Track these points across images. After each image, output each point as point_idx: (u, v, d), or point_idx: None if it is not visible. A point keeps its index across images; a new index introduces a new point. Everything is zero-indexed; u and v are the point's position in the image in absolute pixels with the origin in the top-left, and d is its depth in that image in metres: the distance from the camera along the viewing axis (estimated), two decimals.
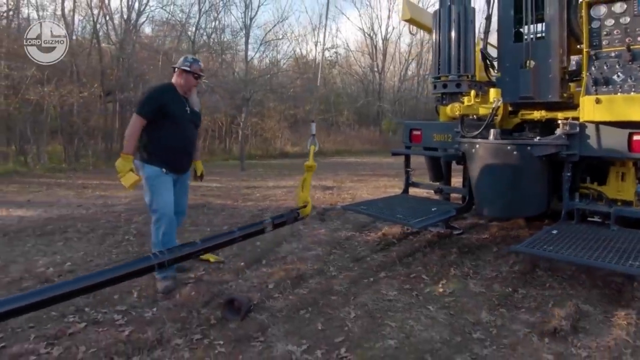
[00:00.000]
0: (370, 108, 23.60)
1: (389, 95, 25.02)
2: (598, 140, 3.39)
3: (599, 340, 2.39)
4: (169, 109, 3.21)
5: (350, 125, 23.29)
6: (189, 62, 3.38)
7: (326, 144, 21.58)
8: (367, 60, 25.89)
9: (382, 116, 23.55)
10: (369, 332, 2.45)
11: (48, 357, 2.18)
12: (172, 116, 3.22)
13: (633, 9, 3.52)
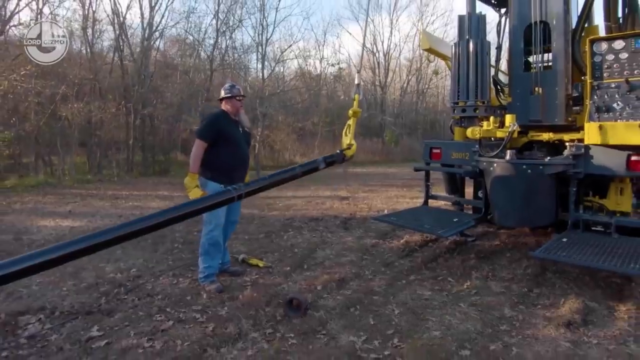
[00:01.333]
0: (373, 120, 24.04)
1: (391, 108, 25.50)
2: (600, 160, 3.76)
3: (606, 331, 2.75)
4: (225, 132, 3.61)
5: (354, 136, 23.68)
6: (228, 89, 3.80)
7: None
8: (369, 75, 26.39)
9: (384, 128, 23.99)
10: (414, 325, 2.82)
11: (152, 350, 2.53)
12: (228, 138, 3.62)
13: (631, 46, 3.92)
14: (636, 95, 3.81)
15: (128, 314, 3.04)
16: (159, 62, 15.77)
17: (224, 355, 2.45)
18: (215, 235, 3.59)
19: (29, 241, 5.17)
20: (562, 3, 4.35)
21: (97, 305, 3.20)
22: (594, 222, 3.94)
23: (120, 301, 3.29)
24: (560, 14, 4.35)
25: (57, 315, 3.03)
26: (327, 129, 23.44)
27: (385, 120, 23.78)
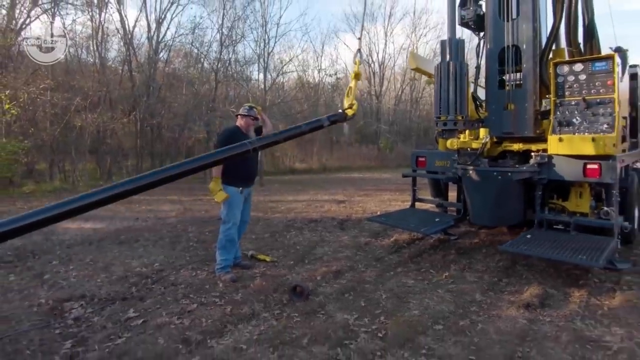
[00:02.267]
0: (369, 128, 24.54)
1: (386, 116, 26.01)
2: (561, 168, 4.24)
3: (559, 312, 3.21)
4: None
5: (351, 143, 24.21)
6: (247, 110, 4.33)
7: (330, 160, 22.49)
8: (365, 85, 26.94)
9: (379, 135, 24.49)
10: (398, 306, 3.28)
11: (182, 325, 2.98)
12: None
13: (588, 69, 4.43)
14: (592, 111, 4.31)
15: (157, 299, 3.50)
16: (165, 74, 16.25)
17: (241, 330, 2.91)
18: (232, 232, 4.07)
19: (58, 241, 5.60)
20: (532, 30, 4.84)
21: (129, 293, 3.65)
22: (556, 222, 4.42)
23: (149, 290, 3.75)
24: (529, 39, 4.84)
25: (96, 302, 3.47)
26: (325, 136, 23.93)
27: (380, 128, 24.28)
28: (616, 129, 4.12)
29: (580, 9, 4.82)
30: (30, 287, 3.80)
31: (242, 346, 2.67)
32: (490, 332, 2.87)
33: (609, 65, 4.29)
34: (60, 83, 11.74)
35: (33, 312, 3.24)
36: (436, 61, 5.63)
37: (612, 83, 4.24)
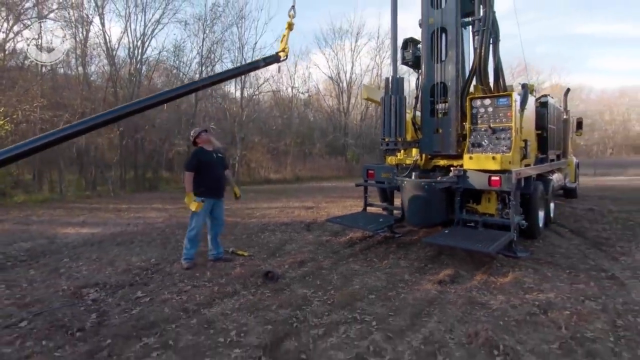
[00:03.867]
0: (337, 141, 25.64)
1: (353, 130, 27.21)
2: (473, 179, 5.28)
3: (462, 286, 4.17)
4: (203, 162, 4.91)
5: (321, 155, 25.20)
6: (191, 135, 5.26)
7: (303, 171, 23.36)
8: (334, 102, 28.11)
9: (347, 148, 25.63)
10: (344, 283, 4.18)
11: (181, 300, 3.76)
12: (206, 166, 4.91)
13: (494, 103, 5.52)
14: (496, 136, 5.40)
15: (158, 284, 4.25)
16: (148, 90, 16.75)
17: (226, 302, 3.71)
18: (193, 234, 4.88)
19: (62, 244, 6.19)
20: (455, 70, 5.90)
21: (134, 281, 4.38)
22: (470, 220, 5.46)
23: (150, 278, 4.48)
24: (453, 78, 5.90)
25: (108, 287, 4.18)
26: (298, 148, 24.87)
27: (347, 141, 25.43)
28: (513, 150, 5.22)
29: (491, 56, 5.92)
30: (51, 279, 4.47)
31: (227, 312, 3.48)
32: (409, 299, 3.80)
33: (508, 101, 5.40)
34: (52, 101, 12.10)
35: (59, 296, 3.92)
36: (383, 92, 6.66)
37: (511, 115, 5.34)
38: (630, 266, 4.81)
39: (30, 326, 3.20)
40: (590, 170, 21.59)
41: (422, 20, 6.28)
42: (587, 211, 8.91)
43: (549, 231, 6.68)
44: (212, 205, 5.01)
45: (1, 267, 4.98)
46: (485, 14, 5.72)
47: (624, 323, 3.24)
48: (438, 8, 6.02)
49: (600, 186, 16.13)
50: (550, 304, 3.61)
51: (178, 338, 3.01)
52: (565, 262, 4.95)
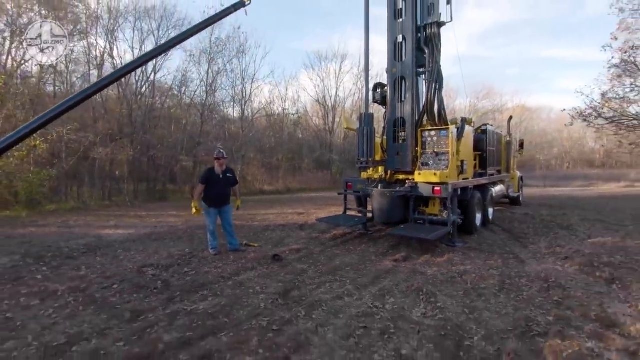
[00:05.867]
0: (323, 157, 27.20)
1: (337, 147, 28.85)
2: (422, 189, 6.82)
3: (411, 262, 5.67)
4: (211, 179, 6.27)
5: (309, 169, 26.70)
6: (215, 153, 6.50)
7: (293, 183, 24.76)
8: (321, 122, 29.75)
9: (332, 163, 27.20)
10: (329, 260, 5.65)
11: (217, 272, 5.15)
12: (213, 183, 6.27)
13: (438, 134, 7.13)
14: (439, 158, 6.99)
15: (197, 264, 5.62)
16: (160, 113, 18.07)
17: (249, 273, 5.12)
18: (211, 230, 6.26)
19: (110, 240, 7.46)
20: (411, 109, 7.49)
21: (178, 263, 5.72)
22: (420, 219, 7.00)
23: (189, 261, 5.84)
24: (410, 115, 7.49)
25: (161, 267, 5.51)
26: (289, 163, 26.32)
27: (332, 157, 27.04)
28: (450, 168, 6.82)
29: (437, 100, 7.53)
30: (115, 262, 5.79)
31: (251, 278, 4.90)
32: (373, 270, 5.27)
33: (447, 132, 7.02)
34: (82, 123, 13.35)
35: (128, 272, 5.25)
36: None
37: (449, 143, 6.95)
38: (533, 251, 6.40)
39: (120, 287, 4.55)
40: (541, 182, 23.63)
41: (387, 69, 7.90)
42: (523, 215, 10.59)
43: (485, 229, 8.27)
44: (218, 212, 6.37)
45: (71, 256, 6.24)
46: (432, 69, 7.36)
47: (510, 282, 4.76)
48: (400, 61, 7.65)
49: (546, 196, 18.02)
50: (466, 271, 5.14)
51: (222, 291, 4.41)
52: (487, 249, 6.52)
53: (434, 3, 7.44)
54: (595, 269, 5.15)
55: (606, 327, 3.40)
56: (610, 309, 3.80)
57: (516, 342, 3.09)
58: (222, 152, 6.53)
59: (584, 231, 8.02)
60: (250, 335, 3.25)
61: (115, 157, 14.51)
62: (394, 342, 3.09)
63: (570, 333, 3.25)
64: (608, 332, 3.29)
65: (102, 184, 16.06)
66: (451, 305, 3.89)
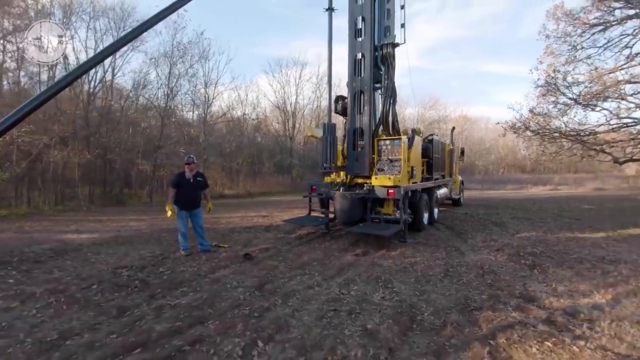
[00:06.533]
0: (284, 162, 27.50)
1: (297, 152, 29.29)
2: (378, 191, 7.45)
3: (370, 256, 6.23)
4: (182, 183, 6.48)
5: (270, 173, 26.86)
6: (185, 159, 6.72)
7: (254, 187, 24.78)
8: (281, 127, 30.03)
9: (292, 167, 27.58)
10: (298, 257, 6.05)
11: (193, 270, 5.36)
12: (183, 186, 6.47)
13: (392, 143, 7.82)
14: (392, 164, 7.68)
15: (172, 264, 5.77)
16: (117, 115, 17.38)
17: (223, 271, 5.38)
18: (182, 232, 6.44)
19: (76, 245, 7.26)
20: (369, 120, 8.11)
21: (152, 264, 5.81)
22: (376, 218, 7.63)
23: (163, 261, 5.96)
24: (367, 125, 8.11)
25: (135, 268, 5.58)
26: (249, 167, 26.29)
27: (292, 161, 27.42)
28: (402, 173, 7.51)
29: (391, 113, 8.24)
30: (87, 265, 5.77)
31: (226, 274, 5.18)
32: (337, 264, 5.76)
33: (400, 142, 7.73)
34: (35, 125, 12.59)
35: (103, 273, 5.29)
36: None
37: (401, 151, 7.67)
38: (471, 244, 7.25)
39: (100, 287, 4.63)
40: (480, 186, 25.75)
41: (348, 83, 8.49)
42: (464, 214, 11.70)
43: (432, 227, 9.13)
44: (189, 214, 6.56)
45: (39, 260, 6.08)
46: (387, 85, 8.06)
47: (452, 269, 5.46)
48: (359, 76, 8.27)
49: (483, 197, 19.74)
50: (416, 262, 5.79)
51: (201, 286, 4.66)
52: (433, 243, 7.28)
53: (389, 26, 8.16)
54: (520, 258, 6.04)
55: (527, 302, 4.14)
56: (531, 288, 4.59)
57: (457, 315, 3.72)
58: (192, 158, 6.73)
59: (514, 227, 9.14)
60: (235, 321, 3.58)
61: (70, 160, 13.79)
62: (360, 320, 3.58)
63: (499, 307, 3.95)
64: (528, 305, 4.03)
65: (55, 188, 15.18)
66: (405, 290, 4.48)
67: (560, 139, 12.89)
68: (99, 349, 3.07)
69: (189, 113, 22.75)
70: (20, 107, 2.10)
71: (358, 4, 8.32)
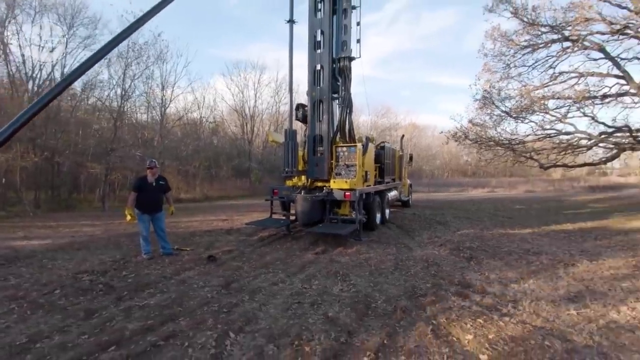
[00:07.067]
0: (242, 165, 27.25)
1: (256, 156, 29.16)
2: (336, 194, 7.86)
3: (328, 254, 6.60)
4: (143, 187, 6.44)
5: (228, 177, 26.48)
6: (147, 163, 6.71)
7: (211, 191, 24.31)
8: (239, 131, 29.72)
9: (251, 171, 27.41)
10: (261, 258, 6.26)
11: (158, 272, 5.38)
12: (145, 190, 6.44)
13: (348, 150, 8.29)
14: (349, 169, 8.15)
15: (135, 267, 5.73)
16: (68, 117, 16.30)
17: (188, 272, 5.46)
18: (143, 236, 6.35)
19: (28, 251, 6.88)
20: (327, 128, 8.54)
21: (114, 268, 5.72)
22: (334, 219, 8.05)
23: (125, 265, 5.89)
24: (326, 133, 8.53)
25: (96, 272, 5.48)
26: (206, 171, 25.74)
27: (251, 165, 27.26)
28: (357, 177, 8.01)
29: (347, 122, 8.74)
30: (45, 271, 5.55)
31: (192, 276, 5.27)
32: (298, 262, 6.06)
33: (355, 149, 8.23)
34: None
35: (63, 279, 5.15)
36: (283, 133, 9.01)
37: (356, 157, 8.17)
38: (418, 241, 7.89)
39: (63, 292, 4.55)
40: (426, 188, 27.39)
41: (308, 92, 8.85)
42: (412, 215, 12.53)
43: (384, 226, 9.74)
44: (151, 218, 6.51)
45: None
46: (344, 96, 8.54)
47: (402, 263, 5.99)
48: (318, 86, 8.66)
49: (429, 199, 21.07)
50: (370, 258, 6.27)
51: (168, 288, 4.73)
52: (385, 241, 7.84)
53: (346, 40, 8.66)
54: (460, 252, 6.74)
55: (464, 288, 4.72)
56: (468, 277, 5.21)
57: (406, 301, 4.19)
58: (154, 162, 6.71)
59: (455, 225, 10.03)
60: (205, 317, 3.75)
61: (13, 163, 12.77)
62: (322, 309, 3.92)
63: (441, 293, 4.48)
64: (465, 291, 4.60)
65: None
66: (360, 282, 4.90)
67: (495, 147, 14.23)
68: (72, 349, 3.11)
69: (144, 115, 21.89)
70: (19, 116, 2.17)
71: (317, 18, 8.74)
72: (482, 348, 3.09)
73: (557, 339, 3.29)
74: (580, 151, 14.45)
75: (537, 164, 15.05)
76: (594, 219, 11.68)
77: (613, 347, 3.18)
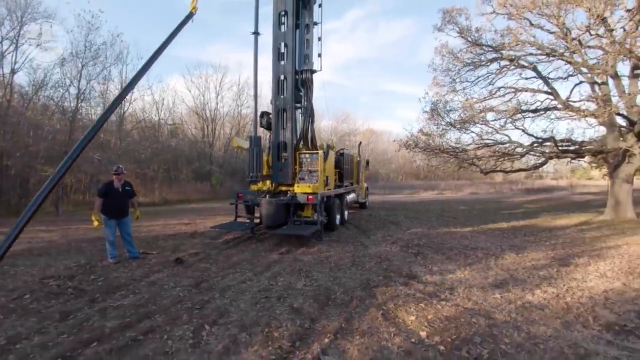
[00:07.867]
0: (203, 168, 26.78)
1: (217, 159, 28.76)
2: (300, 198, 8.28)
3: (292, 254, 6.99)
4: (110, 192, 6.48)
5: (188, 180, 25.90)
6: (113, 169, 6.76)
7: (170, 194, 23.68)
8: (199, 134, 29.16)
9: (212, 174, 27.01)
10: (227, 259, 6.53)
11: (127, 275, 5.47)
12: (111, 195, 6.49)
13: (311, 157, 8.75)
14: (312, 175, 8.62)
15: (100, 273, 5.73)
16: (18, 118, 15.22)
17: (158, 274, 5.61)
18: (110, 240, 6.37)
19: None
20: (291, 135, 8.94)
21: (80, 273, 5.71)
22: (297, 221, 8.48)
23: (92, 269, 5.89)
24: (290, 139, 8.93)
25: (63, 277, 5.45)
26: (165, 174, 25.02)
27: (212, 168, 26.88)
28: (319, 182, 8.51)
29: (310, 130, 9.21)
30: (8, 278, 5.42)
31: (161, 277, 5.44)
32: (264, 262, 6.41)
33: (317, 156, 8.73)
34: None
35: (30, 284, 5.10)
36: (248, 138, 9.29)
37: (318, 163, 8.66)
38: (373, 240, 8.53)
39: (33, 296, 4.55)
40: (382, 191, 28.66)
41: (272, 101, 9.21)
42: (368, 215, 13.28)
43: (343, 227, 10.32)
44: (117, 222, 6.53)
45: None
46: (306, 106, 9.01)
47: (358, 259, 6.53)
48: (282, 95, 9.05)
49: (384, 201, 22.15)
50: (330, 256, 6.77)
51: (140, 289, 4.89)
52: (344, 240, 8.40)
53: (308, 54, 9.14)
54: (409, 248, 7.45)
55: (410, 279, 5.35)
56: (414, 269, 5.86)
57: (361, 292, 4.72)
58: (121, 168, 6.75)
59: (406, 225, 10.87)
60: (180, 313, 4.02)
61: None
62: (288, 302, 4.34)
63: (391, 284, 5.07)
64: (411, 281, 5.23)
65: None
66: (322, 277, 5.37)
67: (441, 154, 15.43)
68: (54, 347, 3.26)
69: None
70: None
71: (281, 31, 9.14)
72: (422, 326, 3.68)
73: (483, 317, 3.96)
74: (515, 158, 16.07)
75: (478, 170, 16.51)
76: (525, 218, 13.15)
77: (526, 322, 3.89)
